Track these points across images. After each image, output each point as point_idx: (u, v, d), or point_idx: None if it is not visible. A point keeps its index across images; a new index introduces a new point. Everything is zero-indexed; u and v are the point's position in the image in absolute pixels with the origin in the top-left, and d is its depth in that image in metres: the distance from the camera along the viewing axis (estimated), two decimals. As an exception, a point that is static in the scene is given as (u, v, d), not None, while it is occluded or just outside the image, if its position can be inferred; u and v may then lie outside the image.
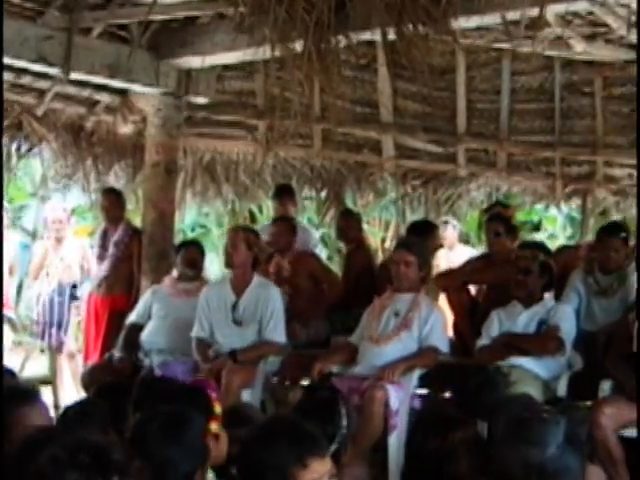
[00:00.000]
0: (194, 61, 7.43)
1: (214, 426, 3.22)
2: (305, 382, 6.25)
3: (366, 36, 6.56)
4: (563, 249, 7.75)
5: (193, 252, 7.24)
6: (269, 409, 6.22)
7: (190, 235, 13.94)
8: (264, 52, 6.45)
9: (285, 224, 7.67)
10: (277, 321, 6.39)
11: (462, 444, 3.18)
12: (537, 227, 14.91)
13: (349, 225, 8.12)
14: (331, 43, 6.14)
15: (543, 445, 2.54)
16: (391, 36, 6.10)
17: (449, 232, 9.73)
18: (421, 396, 5.93)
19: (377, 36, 6.33)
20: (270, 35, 6.15)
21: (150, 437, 2.78)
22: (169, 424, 2.80)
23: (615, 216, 9.24)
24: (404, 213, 9.68)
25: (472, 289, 7.39)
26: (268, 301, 6.39)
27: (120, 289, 7.98)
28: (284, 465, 2.55)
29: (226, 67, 8.35)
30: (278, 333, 6.38)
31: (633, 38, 7.31)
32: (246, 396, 6.05)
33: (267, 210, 12.38)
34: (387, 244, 13.45)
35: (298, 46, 6.10)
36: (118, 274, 7.97)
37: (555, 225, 14.93)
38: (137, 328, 6.97)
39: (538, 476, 2.52)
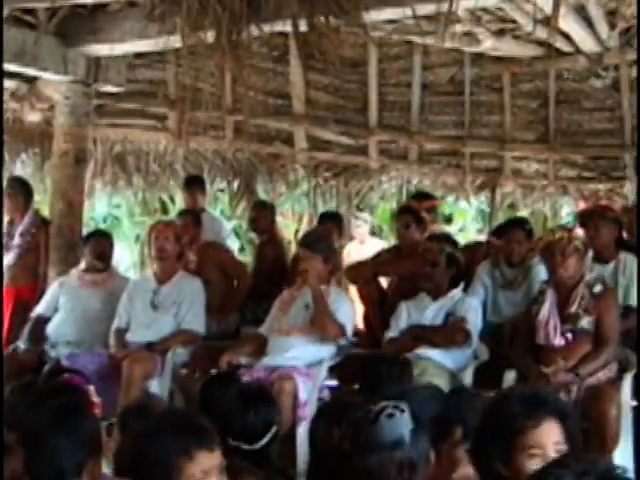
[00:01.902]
0: (103, 49, 7.31)
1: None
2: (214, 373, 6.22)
3: (278, 27, 6.54)
4: (472, 245, 7.84)
5: (101, 243, 7.15)
6: (177, 400, 6.18)
7: (101, 226, 13.73)
8: (175, 41, 6.41)
9: (189, 216, 7.64)
10: (197, 311, 6.51)
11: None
12: (449, 220, 15.08)
13: (261, 217, 8.13)
14: (243, 34, 6.11)
15: (402, 439, 2.56)
16: (303, 27, 6.09)
17: (360, 226, 9.77)
18: (330, 387, 5.96)
19: (289, 27, 6.31)
20: (182, 24, 6.10)
21: (41, 426, 2.74)
22: (60, 413, 2.77)
23: (523, 209, 9.42)
24: (316, 205, 9.68)
25: (382, 281, 7.44)
26: (190, 291, 6.55)
27: (25, 280, 7.80)
28: (170, 456, 2.55)
29: (137, 55, 8.24)
30: (197, 323, 6.49)
31: (540, 34, 7.46)
32: (153, 387, 6.02)
33: (179, 200, 12.27)
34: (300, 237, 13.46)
35: (210, 36, 6.05)
36: (23, 265, 7.79)
37: (466, 218, 15.11)
38: (43, 320, 6.86)
39: (409, 468, 2.54)
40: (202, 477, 2.58)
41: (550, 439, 2.63)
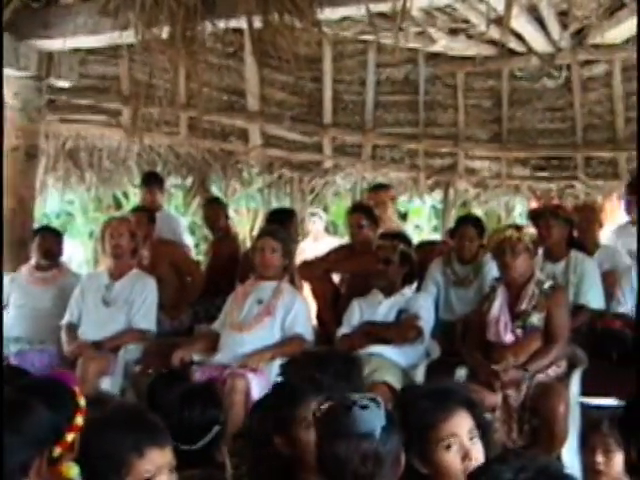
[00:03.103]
0: (56, 43, 7.21)
1: (79, 419, 3.15)
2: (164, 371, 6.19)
3: (233, 24, 6.52)
4: (427, 244, 7.88)
5: (48, 240, 7.06)
6: (129, 397, 6.14)
7: (55, 222, 13.59)
8: (129, 36, 6.36)
9: (143, 213, 7.60)
10: (149, 309, 6.49)
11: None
12: (404, 217, 15.13)
13: (215, 213, 8.11)
14: (197, 29, 6.09)
15: (372, 432, 2.58)
16: (258, 24, 6.09)
17: (315, 223, 9.78)
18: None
19: (244, 24, 6.30)
20: (135, 19, 6.06)
21: None
22: (7, 411, 2.74)
23: (476, 208, 9.49)
24: (270, 202, 9.67)
25: (335, 278, 7.46)
26: (143, 289, 6.51)
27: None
28: (120, 452, 2.55)
29: (90, 51, 8.17)
30: (149, 320, 6.47)
31: (493, 34, 7.53)
32: (105, 384, 5.99)
33: (133, 197, 12.19)
34: (255, 233, 13.43)
35: (164, 32, 6.02)
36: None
37: (421, 216, 15.18)
38: (-6, 316, 6.78)
39: (374, 462, 2.56)
40: (152, 474, 2.57)
41: (463, 429, 2.68)
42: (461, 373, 5.49)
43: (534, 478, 1.84)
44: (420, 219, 15.15)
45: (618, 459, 3.60)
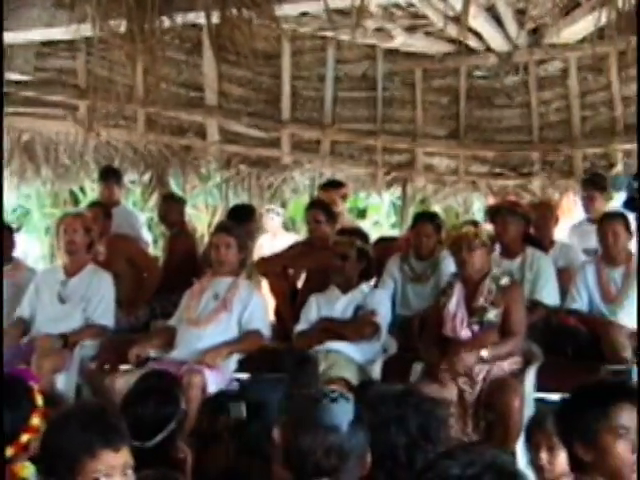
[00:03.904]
0: (9, 36, 7.10)
1: (36, 420, 3.12)
2: (124, 367, 6.16)
3: (191, 18, 6.49)
4: (385, 240, 7.90)
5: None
6: (85, 394, 6.10)
7: (10, 217, 13.45)
8: (86, 30, 6.30)
9: (99, 208, 7.55)
10: (106, 305, 6.45)
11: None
12: (363, 214, 15.16)
13: (171, 210, 8.06)
14: (155, 24, 6.05)
15: (338, 425, 2.59)
16: (216, 19, 6.06)
17: (272, 220, 9.77)
18: (239, 380, 5.94)
19: (202, 19, 6.27)
20: (92, 12, 6.01)
21: None
22: None
23: (434, 204, 9.53)
24: (228, 198, 9.63)
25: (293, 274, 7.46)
26: (99, 285, 6.47)
27: None
28: (74, 451, 2.55)
29: (46, 44, 8.10)
30: (106, 317, 6.43)
31: (451, 32, 7.56)
32: (60, 381, 5.93)
33: (91, 192, 12.10)
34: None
35: (121, 25, 5.98)
36: None
37: (380, 212, 15.22)
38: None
39: (337, 456, 2.56)
40: (104, 475, 2.57)
41: None
42: (417, 369, 5.52)
43: (482, 473, 1.85)
44: (379, 215, 15.19)
45: (562, 455, 3.63)
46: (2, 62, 6.13)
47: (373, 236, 7.93)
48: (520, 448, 4.93)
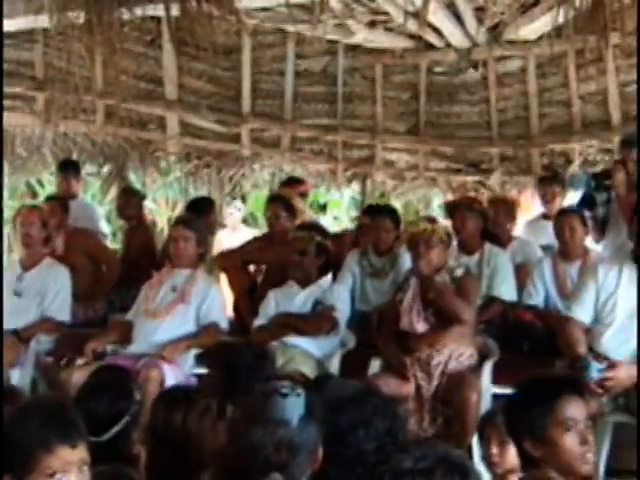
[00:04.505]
0: (-35, 27, 7.07)
1: None
2: (80, 361, 6.12)
3: (150, 11, 6.46)
4: (340, 233, 7.91)
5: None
6: (41, 389, 6.06)
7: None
8: (44, 21, 6.25)
9: (56, 201, 7.50)
10: (63, 299, 6.43)
11: (202, 420, 3.21)
12: (323, 209, 15.18)
13: (129, 203, 8.03)
14: (114, 15, 6.01)
15: (289, 419, 2.59)
16: (175, 12, 6.04)
17: (232, 214, 9.74)
18: (198, 375, 5.92)
19: (161, 11, 6.25)
20: (50, 3, 5.96)
21: None
22: None
23: (393, 200, 9.55)
24: (188, 192, 9.59)
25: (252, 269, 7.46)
26: (56, 279, 6.44)
27: None
28: (29, 447, 2.54)
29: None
30: (63, 311, 6.41)
31: (411, 27, 7.59)
32: (15, 376, 5.88)
33: (49, 185, 11.99)
34: (174, 223, 13.30)
35: (80, 17, 5.93)
36: None
37: (340, 208, 15.23)
38: None
39: (287, 451, 2.57)
40: (60, 471, 2.55)
41: None
42: (376, 364, 5.54)
43: (433, 467, 1.87)
44: (339, 211, 15.21)
45: (512, 450, 3.66)
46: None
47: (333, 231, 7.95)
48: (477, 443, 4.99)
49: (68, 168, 8.39)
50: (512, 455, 3.68)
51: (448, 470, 1.89)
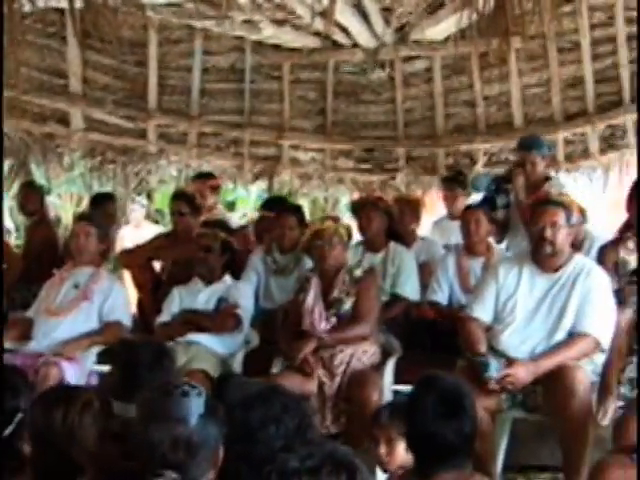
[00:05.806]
0: None
1: None
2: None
3: (53, 3, 6.34)
4: (239, 229, 7.86)
5: None
6: None
7: None
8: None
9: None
10: None
11: (82, 418, 3.17)
12: (232, 206, 15.13)
13: (29, 198, 7.91)
14: (15, 6, 5.88)
15: (187, 418, 2.58)
16: (79, 4, 5.93)
17: (136, 210, 9.64)
18: (99, 373, 5.84)
19: (65, 4, 6.13)
20: (-53, -8, 5.79)
21: None
22: None
23: (300, 198, 9.56)
24: (92, 188, 9.44)
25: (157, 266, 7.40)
26: None
27: None
28: None
29: None
30: None
31: (318, 26, 7.60)
32: None
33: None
34: (77, 219, 13.11)
35: (-21, 7, 5.78)
36: None
37: (248, 205, 15.21)
38: None
39: (185, 449, 2.55)
40: None
41: None
42: (279, 362, 5.53)
43: (320, 465, 1.88)
44: (247, 208, 15.19)
45: (401, 447, 3.71)
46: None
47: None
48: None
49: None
50: (401, 452, 3.72)
51: (334, 468, 1.91)
